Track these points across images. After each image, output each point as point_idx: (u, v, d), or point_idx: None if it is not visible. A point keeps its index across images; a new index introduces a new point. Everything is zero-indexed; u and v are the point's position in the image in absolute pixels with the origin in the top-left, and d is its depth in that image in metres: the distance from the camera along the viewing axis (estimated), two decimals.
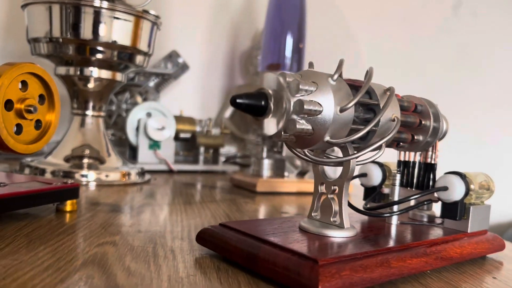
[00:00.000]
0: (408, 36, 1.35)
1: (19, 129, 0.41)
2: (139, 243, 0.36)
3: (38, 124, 0.43)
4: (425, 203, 0.40)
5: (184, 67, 1.12)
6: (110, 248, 0.33)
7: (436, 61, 1.37)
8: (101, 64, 0.69)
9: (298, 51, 0.96)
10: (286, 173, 0.76)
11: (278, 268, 0.28)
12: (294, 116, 0.30)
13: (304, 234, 0.33)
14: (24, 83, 0.41)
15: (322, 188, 0.36)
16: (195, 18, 1.23)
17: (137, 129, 0.88)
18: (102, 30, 0.66)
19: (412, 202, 0.41)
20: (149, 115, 0.89)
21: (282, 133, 0.31)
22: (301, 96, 0.30)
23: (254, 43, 1.24)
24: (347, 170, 0.34)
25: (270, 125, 0.30)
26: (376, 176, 0.44)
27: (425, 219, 0.43)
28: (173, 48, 1.12)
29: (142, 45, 0.71)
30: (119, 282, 0.27)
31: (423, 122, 0.40)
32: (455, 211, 0.39)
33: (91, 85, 0.70)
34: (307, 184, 0.73)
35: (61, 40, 0.65)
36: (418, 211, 0.44)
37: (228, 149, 1.14)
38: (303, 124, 0.30)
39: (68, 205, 0.45)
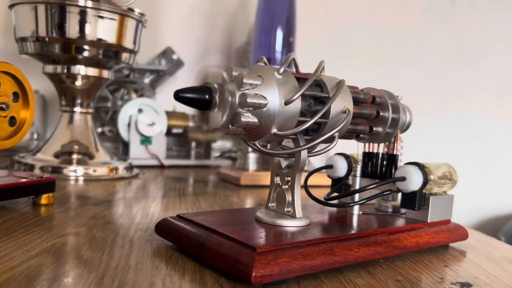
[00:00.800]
0: (405, 27, 1.34)
1: None
2: (102, 234, 0.37)
3: (12, 120, 0.45)
4: (385, 193, 0.41)
5: (179, 63, 1.13)
6: (71, 239, 0.35)
7: (434, 52, 1.36)
8: (88, 62, 0.70)
9: (288, 45, 0.96)
10: None
11: (222, 256, 0.29)
12: (240, 110, 0.31)
13: (258, 224, 0.34)
14: None
15: (278, 179, 0.37)
16: (191, 14, 1.24)
17: (129, 125, 0.89)
18: (87, 29, 0.67)
19: (375, 193, 0.42)
20: (140, 111, 0.91)
21: (230, 126, 0.32)
22: (246, 90, 0.31)
23: (249, 39, 1.24)
24: (298, 161, 0.35)
25: (216, 119, 0.31)
26: (341, 168, 0.45)
27: (390, 210, 0.44)
28: (168, 45, 1.13)
29: (127, 43, 0.73)
30: (66, 270, 0.28)
31: (381, 114, 0.40)
32: (413, 201, 0.40)
33: (78, 82, 0.71)
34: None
35: (47, 39, 0.67)
36: (383, 201, 0.45)
37: (224, 144, 1.15)
38: (248, 117, 0.31)
39: (44, 199, 0.46)
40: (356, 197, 0.41)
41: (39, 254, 0.31)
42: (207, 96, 0.30)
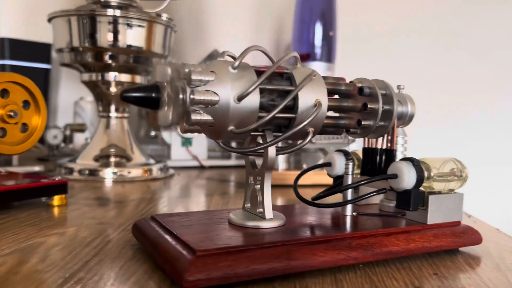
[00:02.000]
0: (440, 16, 1.23)
1: (3, 132, 0.46)
2: (87, 234, 0.38)
3: (24, 127, 0.48)
4: (377, 192, 0.37)
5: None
6: (52, 239, 0.36)
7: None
8: (120, 69, 0.73)
9: (328, 40, 0.93)
10: (304, 166, 0.74)
11: (166, 258, 0.28)
12: (191, 107, 0.30)
13: (224, 226, 0.33)
14: (5, 91, 0.46)
15: (251, 179, 0.36)
16: (239, 14, 1.25)
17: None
18: (117, 37, 0.70)
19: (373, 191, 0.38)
20: None
21: (185, 124, 0.31)
22: (197, 86, 0.30)
23: None
24: (266, 160, 0.33)
25: (165, 117, 0.30)
26: (339, 165, 0.42)
27: (392, 210, 0.40)
28: (216, 47, 1.15)
29: (157, 48, 0.75)
30: (22, 269, 0.29)
31: (369, 106, 0.37)
32: (407, 200, 0.36)
33: (113, 88, 0.75)
34: (323, 177, 0.71)
35: (80, 49, 0.70)
36: (387, 201, 0.41)
37: None
38: (200, 115, 0.30)
39: (56, 200, 0.49)
40: (349, 196, 0.39)
41: (11, 253, 0.32)
42: (153, 94, 0.30)
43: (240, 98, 0.30)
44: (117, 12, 0.70)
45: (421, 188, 0.36)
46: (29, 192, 0.46)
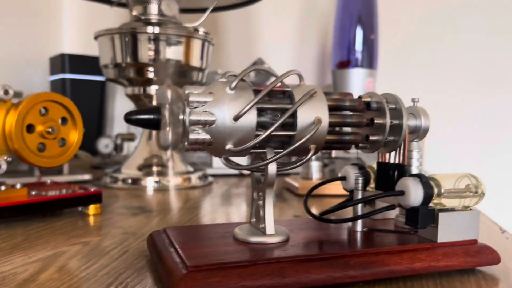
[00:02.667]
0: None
1: (43, 147, 0.50)
2: (108, 243, 0.41)
3: (63, 141, 0.52)
4: (385, 209, 0.36)
5: (268, 74, 1.16)
6: (75, 248, 0.39)
7: None
8: (161, 82, 0.77)
9: (369, 44, 0.91)
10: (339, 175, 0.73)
11: (166, 271, 0.30)
12: (190, 127, 0.31)
13: (227, 241, 0.34)
14: (45, 109, 0.50)
15: (255, 194, 0.37)
16: (284, 21, 1.26)
17: None
18: (156, 52, 0.74)
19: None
20: None
21: (186, 144, 0.32)
22: (195, 107, 0.31)
23: None
24: (266, 176, 0.34)
25: (166, 137, 0.32)
26: (354, 179, 0.42)
27: (407, 227, 0.39)
28: (263, 55, 1.17)
29: (195, 62, 0.77)
30: (41, 276, 0.32)
31: (376, 121, 0.36)
32: (415, 218, 0.35)
33: (154, 101, 0.78)
34: None
35: (123, 65, 0.75)
36: (402, 217, 0.40)
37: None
38: (198, 134, 0.32)
39: (91, 209, 0.53)
40: (359, 211, 0.38)
41: (36, 261, 0.35)
42: (153, 116, 0.32)
43: (236, 118, 0.31)
44: (156, 29, 0.73)
45: (432, 205, 0.35)
46: (65, 202, 0.50)
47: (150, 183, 0.76)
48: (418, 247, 0.34)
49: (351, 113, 0.37)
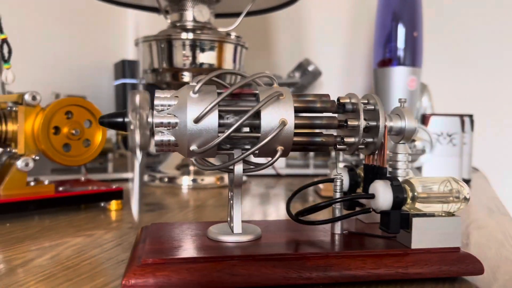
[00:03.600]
0: None
1: (68, 147, 0.55)
2: (110, 236, 0.44)
3: (87, 142, 0.57)
4: (360, 212, 0.36)
5: (315, 74, 1.15)
6: (77, 239, 0.43)
7: None
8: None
9: (412, 41, 0.88)
10: None
11: (127, 265, 0.32)
12: (156, 129, 0.33)
13: (202, 238, 0.36)
14: (70, 113, 0.55)
15: (230, 194, 0.38)
16: (334, 20, 1.24)
17: None
18: (190, 57, 0.77)
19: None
20: None
21: (154, 145, 0.34)
22: (162, 110, 0.33)
23: None
24: (233, 177, 0.35)
25: (133, 139, 0.34)
26: (344, 182, 0.41)
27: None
28: (312, 55, 1.17)
29: (227, 65, 0.80)
30: (32, 263, 0.36)
31: (350, 123, 0.36)
32: (387, 222, 0.34)
33: None
34: None
35: (160, 70, 0.79)
36: None
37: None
38: (164, 136, 0.33)
39: (113, 205, 0.57)
40: (337, 213, 0.38)
41: (35, 249, 0.40)
42: (120, 119, 0.34)
43: (196, 120, 0.33)
44: (190, 35, 0.77)
45: (406, 209, 0.34)
46: (87, 198, 0.55)
47: (185, 181, 0.79)
48: (386, 252, 0.33)
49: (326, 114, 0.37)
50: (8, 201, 0.49)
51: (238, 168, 0.35)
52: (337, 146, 0.37)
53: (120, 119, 0.34)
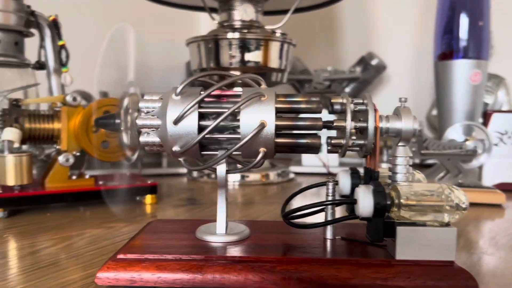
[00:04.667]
0: None
1: (106, 144, 0.59)
2: (128, 229, 0.47)
3: None
4: (347, 218, 0.34)
5: (379, 68, 1.10)
6: (96, 231, 0.46)
7: None
8: (243, 84, 0.81)
9: (476, 32, 0.80)
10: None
11: None
12: (144, 130, 0.35)
13: (189, 236, 0.37)
14: (107, 112, 0.59)
15: None
16: (402, 12, 1.18)
17: None
18: (236, 56, 0.78)
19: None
20: None
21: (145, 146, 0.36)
22: (148, 112, 0.35)
23: None
24: (217, 178, 0.35)
25: (123, 139, 0.36)
26: (344, 184, 0.39)
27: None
28: (379, 49, 1.12)
29: (273, 63, 0.80)
30: (47, 250, 0.40)
31: (335, 124, 0.34)
32: (369, 229, 0.32)
33: None
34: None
35: (208, 69, 0.82)
36: None
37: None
38: (148, 137, 0.35)
39: (148, 199, 0.60)
40: (329, 217, 0.36)
41: (59, 237, 0.44)
42: (111, 121, 0.36)
43: (175, 122, 0.33)
44: (236, 35, 0.78)
45: (395, 217, 0.32)
46: (122, 192, 0.59)
47: (231, 178, 0.81)
48: (367, 262, 0.31)
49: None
50: (50, 193, 0.55)
51: (220, 168, 0.35)
52: (328, 148, 0.36)
53: (112, 121, 0.36)
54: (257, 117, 0.33)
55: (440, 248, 0.31)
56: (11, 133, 0.53)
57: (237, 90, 0.37)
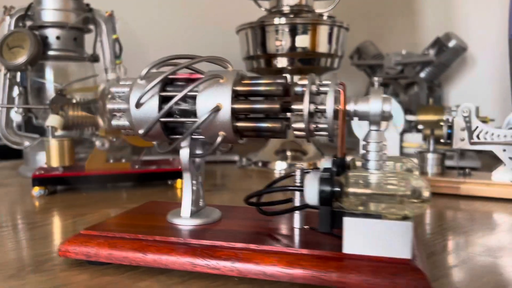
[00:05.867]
0: None
1: None
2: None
3: None
4: (299, 208, 0.32)
5: (457, 51, 1.00)
6: (116, 210, 0.50)
7: None
8: (292, 71, 0.80)
9: None
10: (467, 170, 0.60)
11: None
12: (115, 114, 0.37)
13: (161, 220, 0.37)
14: None
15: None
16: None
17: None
18: (283, 42, 0.77)
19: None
20: None
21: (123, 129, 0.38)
22: (120, 97, 0.36)
23: None
24: (180, 161, 0.36)
25: (100, 122, 0.38)
26: None
27: None
28: (462, 30, 1.03)
29: (322, 48, 0.77)
30: (65, 222, 0.44)
31: (294, 107, 0.32)
32: (319, 218, 0.30)
33: None
34: (472, 186, 0.56)
35: (254, 57, 0.81)
36: None
37: None
38: (120, 121, 0.36)
39: (178, 183, 0.63)
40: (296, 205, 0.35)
41: (78, 215, 0.48)
42: (91, 105, 0.38)
43: (137, 105, 0.34)
44: (282, 20, 0.77)
45: (347, 208, 0.29)
46: (154, 176, 0.62)
47: (278, 166, 0.80)
48: (309, 253, 0.29)
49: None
50: (87, 174, 0.60)
51: (183, 152, 0.35)
52: (295, 132, 0.34)
53: (90, 105, 0.38)
54: (214, 100, 0.33)
55: (394, 244, 0.28)
56: (54, 120, 0.59)
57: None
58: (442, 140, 0.60)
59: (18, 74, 0.72)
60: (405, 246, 0.28)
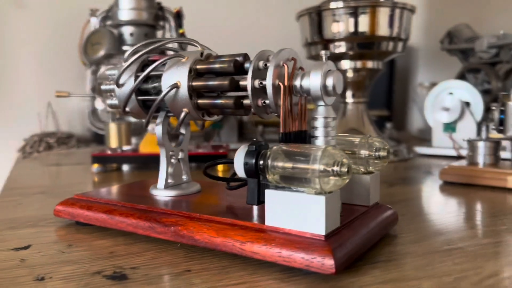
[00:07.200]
0: None
1: None
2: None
3: None
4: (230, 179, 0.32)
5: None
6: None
7: None
8: (352, 56, 0.78)
9: None
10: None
11: None
12: (109, 94, 0.41)
13: (145, 192, 0.41)
14: None
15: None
16: None
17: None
18: (340, 26, 0.75)
19: None
20: (451, 94, 0.81)
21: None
22: (110, 80, 0.41)
23: None
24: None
25: (101, 103, 0.43)
26: None
27: None
28: None
29: (382, 31, 0.73)
30: None
31: (240, 83, 0.33)
32: (247, 190, 0.30)
33: (349, 74, 0.79)
34: None
35: (312, 44, 0.80)
36: None
37: None
38: (112, 100, 0.41)
39: (219, 166, 0.66)
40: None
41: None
42: (92, 90, 0.43)
43: (118, 85, 0.38)
44: (340, 4, 0.75)
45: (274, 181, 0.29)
46: (198, 158, 0.66)
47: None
48: (235, 223, 0.30)
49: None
50: (140, 155, 0.66)
51: (158, 128, 0.38)
52: (251, 109, 0.34)
53: (92, 90, 0.43)
54: (174, 78, 0.35)
55: (310, 218, 0.27)
56: None
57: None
58: (493, 127, 0.54)
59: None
60: (319, 221, 0.27)
